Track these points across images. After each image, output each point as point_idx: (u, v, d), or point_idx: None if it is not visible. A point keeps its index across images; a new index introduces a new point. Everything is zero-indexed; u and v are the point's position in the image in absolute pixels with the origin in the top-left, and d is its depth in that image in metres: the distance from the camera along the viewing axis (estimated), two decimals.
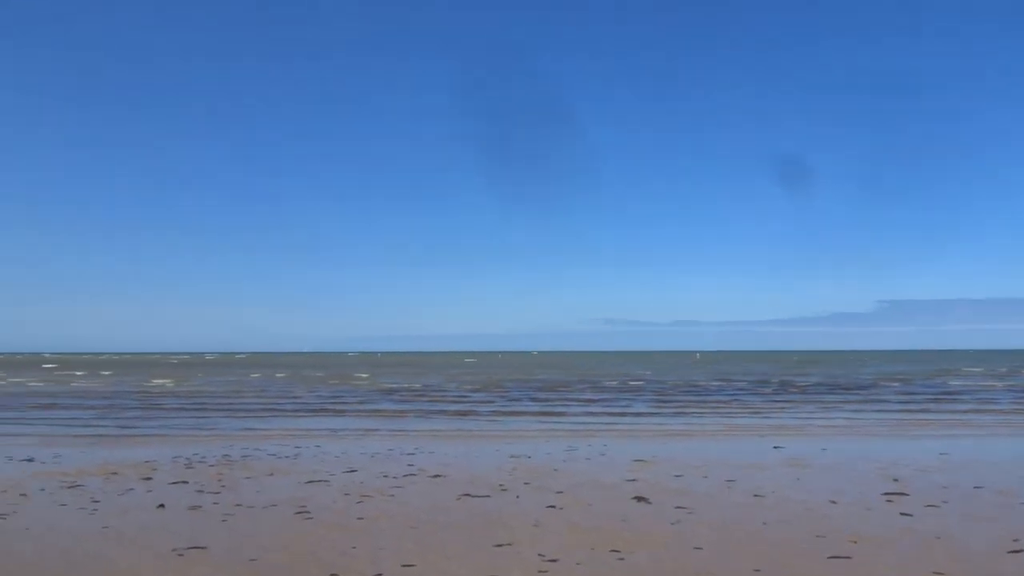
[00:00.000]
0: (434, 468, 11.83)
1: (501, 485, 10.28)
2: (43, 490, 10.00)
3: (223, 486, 10.29)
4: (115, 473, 11.38)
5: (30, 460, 12.90)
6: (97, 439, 16.33)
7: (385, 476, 11.10)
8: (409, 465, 12.17)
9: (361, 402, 28.40)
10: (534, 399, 29.46)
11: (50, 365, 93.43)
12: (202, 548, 6.96)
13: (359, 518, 8.23)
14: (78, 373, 63.96)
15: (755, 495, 9.61)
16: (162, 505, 8.95)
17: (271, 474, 11.34)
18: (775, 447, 14.68)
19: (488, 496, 9.51)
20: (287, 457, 13.26)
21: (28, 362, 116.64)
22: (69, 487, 10.22)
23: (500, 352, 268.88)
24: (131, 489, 10.07)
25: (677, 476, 11.07)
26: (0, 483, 10.52)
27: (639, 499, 9.31)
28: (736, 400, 28.82)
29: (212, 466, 12.15)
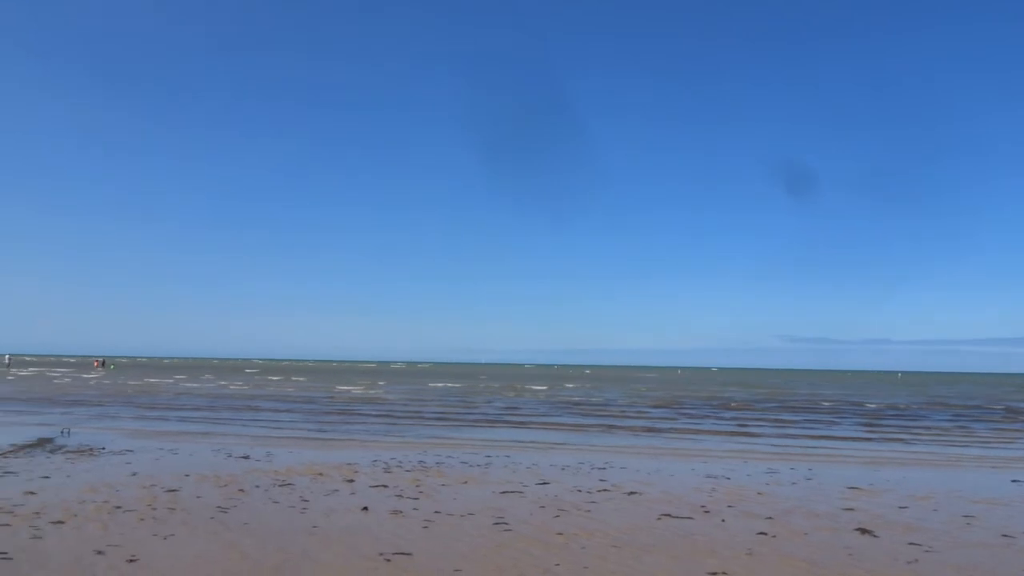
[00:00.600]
0: (628, 485, 11.43)
1: (703, 507, 9.71)
2: (258, 487, 10.66)
3: (421, 492, 10.48)
4: (321, 474, 11.95)
5: (246, 458, 13.90)
6: (302, 441, 17.37)
7: (579, 490, 10.85)
8: (601, 480, 11.85)
9: (542, 414, 28.46)
10: (720, 417, 28.18)
11: (252, 370, 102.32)
12: (407, 555, 7.01)
13: (558, 533, 8.01)
14: (273, 378, 69.32)
15: (1003, 535, 8.41)
16: (366, 508, 9.22)
17: (465, 482, 11.44)
18: (1014, 480, 12.94)
19: (691, 518, 8.98)
20: (478, 466, 13.37)
21: (234, 367, 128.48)
22: (281, 485, 10.83)
23: (680, 367, 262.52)
24: (336, 490, 10.49)
25: (902, 508, 9.97)
26: (222, 478, 11.35)
27: (863, 531, 8.42)
28: (958, 426, 25.97)
29: (409, 471, 12.47)
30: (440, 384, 60.97)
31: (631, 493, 10.69)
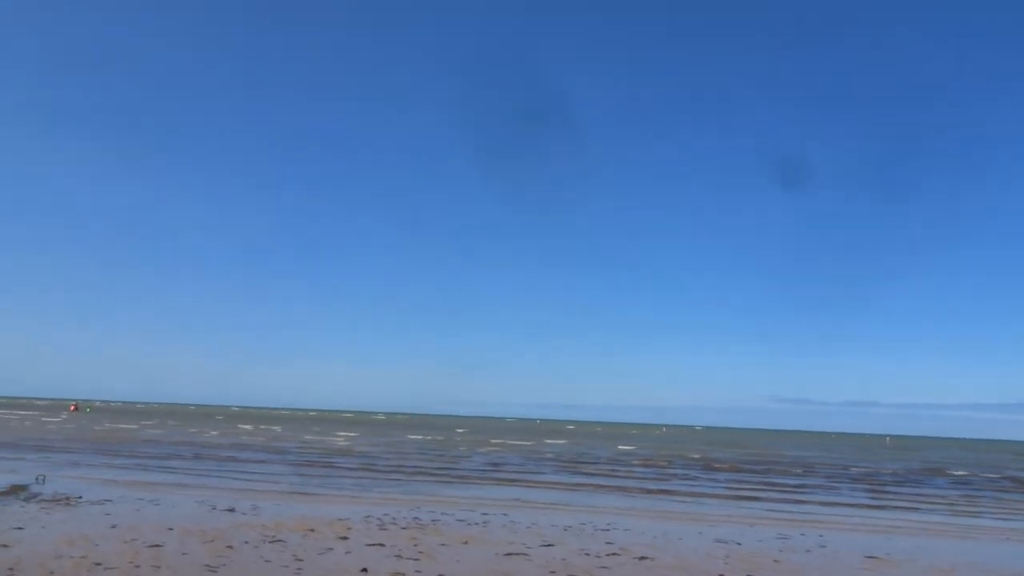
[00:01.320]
0: (637, 549, 10.93)
1: (721, 575, 9.24)
2: (247, 543, 10.09)
3: (421, 552, 9.94)
4: (312, 530, 11.38)
5: (231, 510, 13.28)
6: (288, 494, 16.72)
7: (586, 553, 10.35)
8: (608, 543, 11.34)
9: (530, 471, 27.83)
10: (714, 480, 27.64)
11: (220, 417, 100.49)
12: None
13: None
14: (245, 426, 67.99)
15: None
16: (365, 570, 8.69)
17: (466, 542, 10.91)
18: None
19: None
20: (476, 524, 12.83)
21: (206, 412, 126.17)
22: (271, 542, 10.26)
23: (663, 425, 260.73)
24: (330, 549, 9.94)
25: None
26: (207, 532, 10.77)
27: None
28: (963, 495, 25.54)
29: (404, 529, 11.92)
30: (419, 436, 59.95)
31: (642, 558, 10.20)
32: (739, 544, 11.90)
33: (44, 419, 64.40)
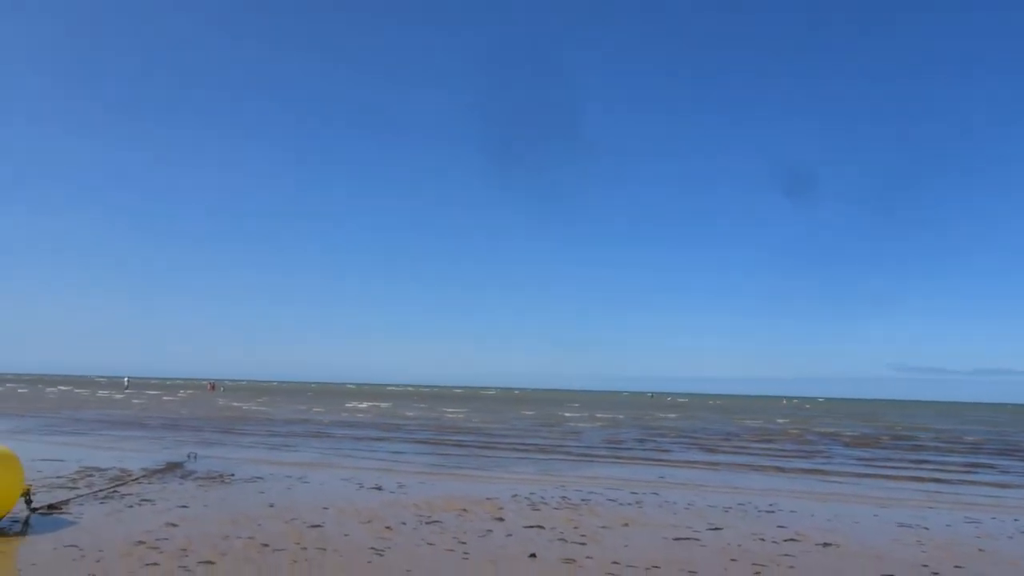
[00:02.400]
0: (813, 533, 10.12)
1: (925, 566, 8.34)
2: (404, 524, 9.92)
3: (583, 535, 9.49)
4: (465, 510, 11.14)
5: (379, 488, 13.27)
6: (425, 473, 16.69)
7: (761, 539, 9.63)
8: (780, 527, 10.56)
9: (658, 449, 27.09)
10: (859, 457, 26.06)
11: (332, 395, 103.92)
12: None
13: None
14: (358, 404, 69.88)
15: None
16: (533, 555, 8.30)
17: (626, 524, 10.39)
18: None
19: None
20: (629, 504, 12.29)
21: (334, 391, 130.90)
22: (428, 523, 10.06)
23: (784, 397, 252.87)
24: (489, 531, 9.64)
25: None
26: (362, 512, 10.69)
27: None
28: None
29: (557, 510, 11.52)
30: (531, 412, 60.00)
31: (825, 544, 9.39)
32: (927, 529, 10.88)
33: (196, 398, 68.42)
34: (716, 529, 10.26)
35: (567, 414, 56.14)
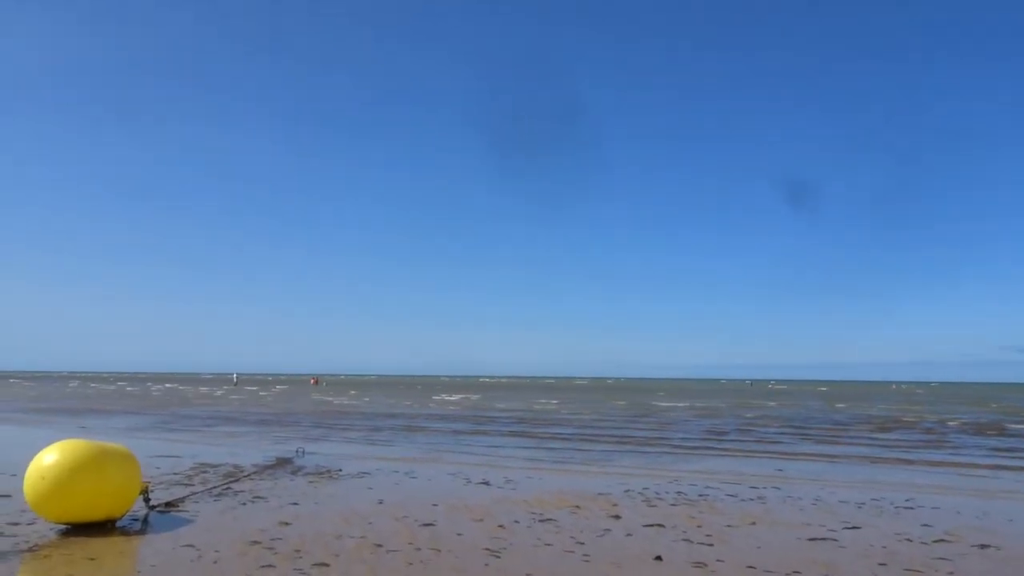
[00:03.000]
0: (966, 533, 9.24)
1: None
2: (517, 522, 9.59)
3: (708, 535, 8.93)
4: (578, 507, 10.73)
5: (487, 484, 13.02)
6: (530, 467, 16.38)
7: (907, 539, 8.84)
8: (925, 526, 9.71)
9: (767, 440, 26.01)
10: (982, 446, 24.32)
11: (419, 387, 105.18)
12: None
13: None
14: (449, 397, 70.42)
15: None
16: (659, 558, 7.81)
17: (753, 523, 9.76)
18: None
19: None
20: (751, 500, 11.62)
21: (426, 383, 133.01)
22: (541, 520, 9.70)
23: (894, 382, 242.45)
24: (608, 530, 9.19)
25: None
26: (472, 509, 10.43)
27: None
28: None
29: (674, 506, 10.97)
30: (623, 401, 59.09)
31: (983, 546, 8.53)
32: None
33: (300, 393, 70.68)
34: (854, 528, 9.51)
35: (660, 404, 55.06)
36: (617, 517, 10.02)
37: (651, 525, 9.49)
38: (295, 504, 10.63)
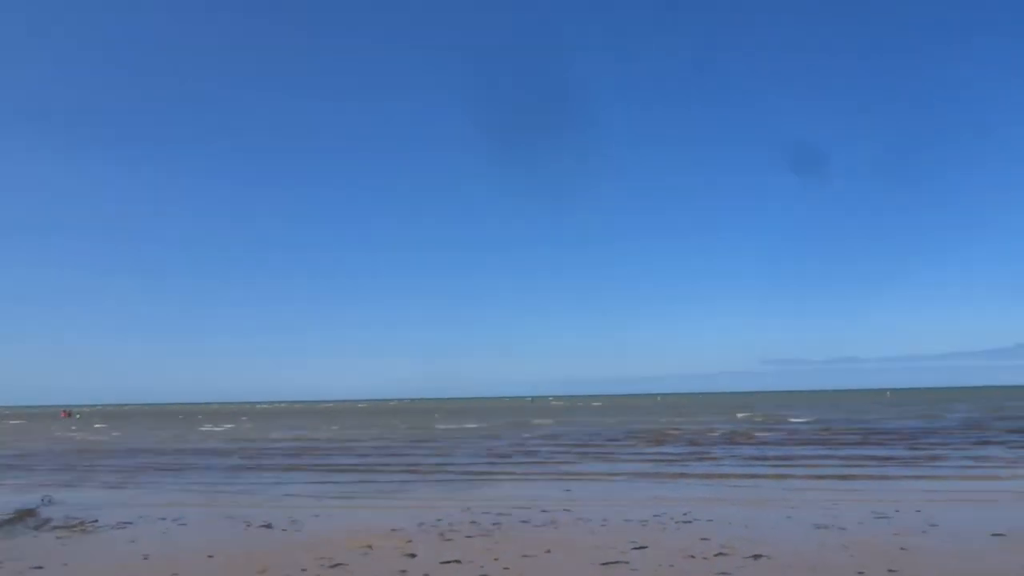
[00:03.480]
0: (740, 545, 9.88)
1: (861, 573, 8.21)
2: (305, 571, 8.93)
3: (506, 568, 8.84)
4: (370, 547, 10.24)
5: (268, 527, 12.09)
6: (314, 499, 15.56)
7: (691, 556, 9.28)
8: (704, 540, 10.28)
9: (557, 460, 26.87)
10: (738, 456, 26.79)
11: (181, 416, 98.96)
12: None
13: None
14: (213, 428, 66.70)
15: None
16: None
17: (548, 551, 9.82)
18: None
19: None
20: (544, 525, 11.73)
21: (184, 410, 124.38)
22: (331, 567, 9.11)
23: (658, 394, 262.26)
24: (403, 572, 8.81)
25: None
26: (255, 557, 9.58)
27: None
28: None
29: (470, 537, 10.81)
30: (403, 424, 58.88)
31: (756, 556, 9.17)
32: (843, 529, 10.93)
33: (47, 428, 62.62)
34: (641, 548, 9.86)
35: (440, 425, 55.30)
36: (412, 556, 9.66)
37: (448, 562, 9.24)
38: (39, 568, 9.20)
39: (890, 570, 8.35)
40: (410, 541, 10.63)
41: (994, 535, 10.31)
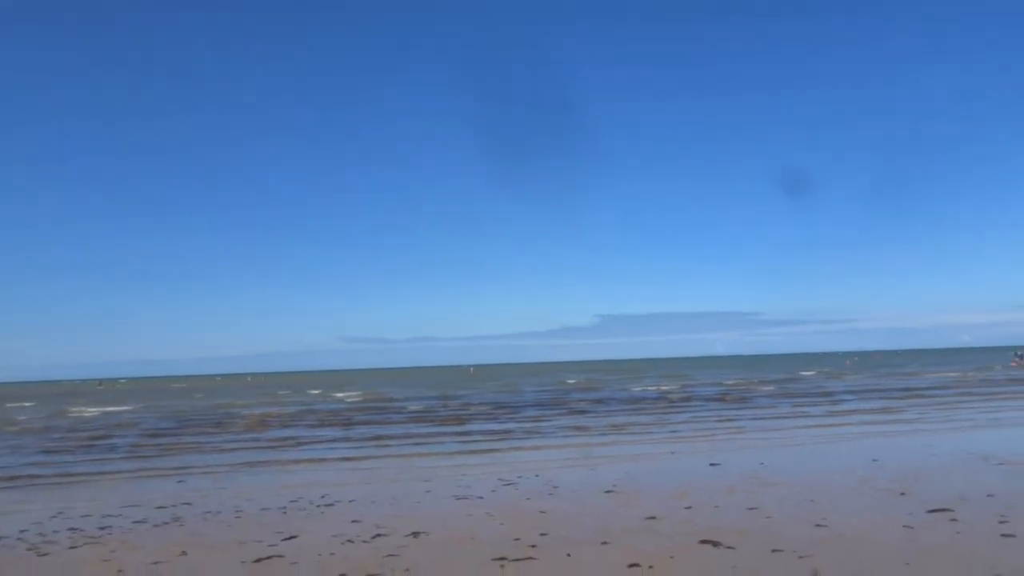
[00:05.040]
0: (395, 523, 9.72)
1: (518, 539, 8.58)
2: None
3: None
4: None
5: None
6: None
7: (349, 540, 8.85)
8: (356, 522, 9.91)
9: (111, 455, 24.31)
10: (342, 438, 27.08)
11: None
12: None
13: None
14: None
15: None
16: None
17: (183, 552, 8.60)
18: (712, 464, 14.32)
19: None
20: (168, 523, 10.29)
21: None
22: None
23: (249, 374, 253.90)
24: None
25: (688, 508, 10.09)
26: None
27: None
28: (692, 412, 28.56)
29: (74, 548, 9.03)
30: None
31: (415, 534, 9.07)
32: (481, 498, 11.46)
33: None
34: (292, 538, 9.17)
35: None
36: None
37: None
38: None
39: (541, 533, 8.86)
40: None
41: (606, 492, 11.63)
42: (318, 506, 11.34)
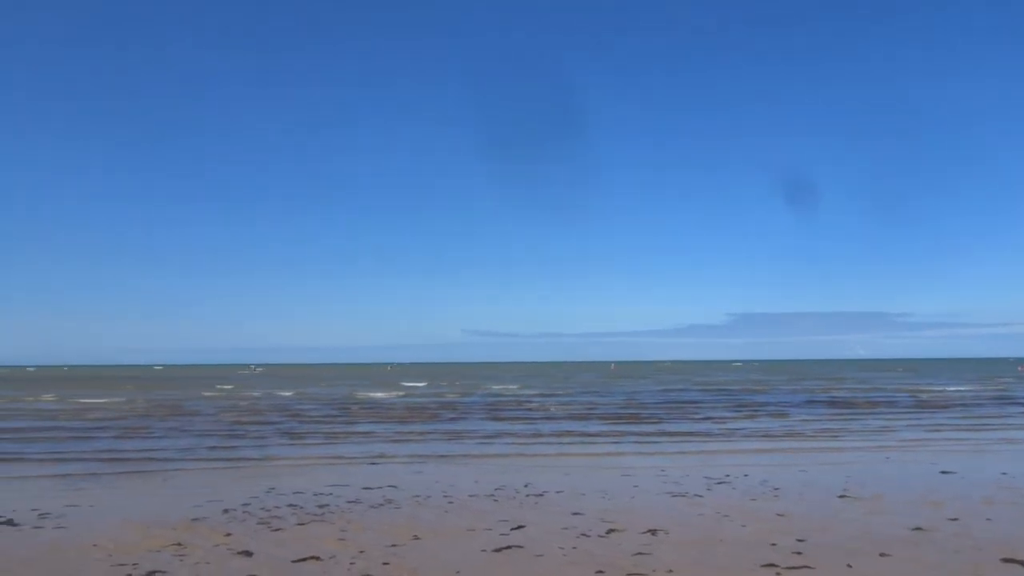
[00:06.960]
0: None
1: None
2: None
3: (386, 565, 7.34)
4: (179, 544, 8.12)
5: (11, 523, 9.30)
6: (68, 477, 12.61)
7: (584, 535, 8.41)
8: (535, 495, 9.48)
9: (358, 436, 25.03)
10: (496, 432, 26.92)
11: None
12: None
13: None
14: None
15: None
16: None
17: (416, 537, 8.42)
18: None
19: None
20: (378, 505, 10.24)
21: None
22: None
23: (388, 364, 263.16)
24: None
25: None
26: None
27: None
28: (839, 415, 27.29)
29: (302, 525, 9.06)
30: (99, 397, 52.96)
31: (652, 532, 8.52)
32: (700, 496, 10.75)
33: None
34: (520, 527, 8.82)
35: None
36: (250, 554, 7.75)
37: (304, 559, 7.49)
38: None
39: (798, 539, 8.09)
40: (214, 531, 8.63)
41: (839, 496, 10.67)
42: (528, 495, 11.00)
